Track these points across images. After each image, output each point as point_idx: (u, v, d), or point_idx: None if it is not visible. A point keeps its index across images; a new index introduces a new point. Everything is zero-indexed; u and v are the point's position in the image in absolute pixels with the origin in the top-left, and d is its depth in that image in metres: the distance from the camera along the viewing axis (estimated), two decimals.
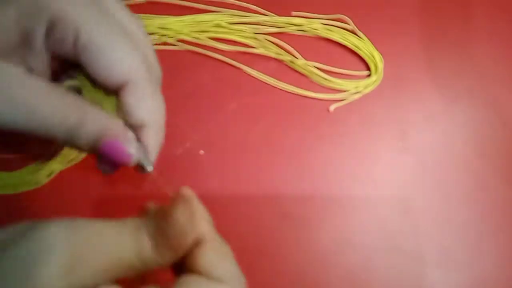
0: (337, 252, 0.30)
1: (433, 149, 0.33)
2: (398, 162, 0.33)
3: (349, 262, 0.30)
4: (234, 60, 0.34)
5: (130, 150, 0.19)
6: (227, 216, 0.30)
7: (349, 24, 0.34)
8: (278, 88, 0.34)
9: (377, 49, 0.34)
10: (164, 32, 0.34)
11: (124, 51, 0.19)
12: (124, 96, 0.19)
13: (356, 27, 0.34)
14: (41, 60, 0.19)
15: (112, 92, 0.20)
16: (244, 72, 0.34)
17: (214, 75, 0.34)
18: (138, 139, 0.20)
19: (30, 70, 0.19)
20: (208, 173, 0.31)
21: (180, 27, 0.34)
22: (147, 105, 0.20)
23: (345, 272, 0.30)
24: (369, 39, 0.34)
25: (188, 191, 0.18)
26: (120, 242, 0.16)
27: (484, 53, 0.35)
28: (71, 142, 0.18)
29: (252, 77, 0.34)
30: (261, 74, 0.34)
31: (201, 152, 0.31)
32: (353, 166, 0.32)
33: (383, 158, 0.33)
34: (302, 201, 0.31)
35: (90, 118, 0.18)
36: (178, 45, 0.34)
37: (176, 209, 0.17)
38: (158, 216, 0.17)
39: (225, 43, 0.34)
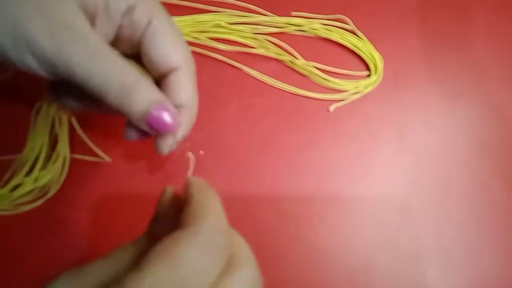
0: (337, 251, 0.30)
1: (433, 148, 0.33)
2: (398, 162, 0.33)
3: (349, 262, 0.30)
4: (234, 60, 0.34)
5: (177, 118, 0.21)
6: (227, 216, 0.30)
7: (349, 24, 0.34)
8: (278, 88, 0.34)
9: (377, 49, 0.34)
10: None
11: (180, 44, 0.22)
12: (171, 80, 0.22)
13: (356, 27, 0.34)
14: (108, 35, 0.22)
15: (159, 75, 0.23)
16: (244, 72, 0.34)
17: (214, 75, 0.34)
18: None
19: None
20: (208, 173, 0.31)
21: (180, 27, 0.34)
22: (188, 90, 0.23)
23: (345, 272, 0.30)
24: (369, 39, 0.34)
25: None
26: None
27: (484, 53, 0.35)
28: (121, 101, 0.20)
29: (252, 77, 0.34)
30: (261, 74, 0.34)
31: (201, 152, 0.31)
32: (353, 166, 0.32)
33: (383, 158, 0.33)
34: (302, 200, 0.31)
35: (146, 85, 0.20)
36: None
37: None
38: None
39: (225, 43, 0.34)
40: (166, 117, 0.20)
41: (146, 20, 0.22)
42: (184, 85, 0.23)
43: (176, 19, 0.34)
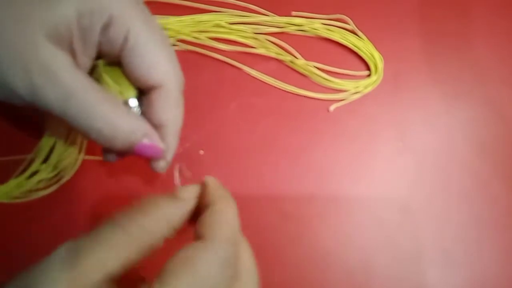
0: (337, 251, 0.30)
1: (433, 149, 0.33)
2: (398, 162, 0.33)
3: (349, 262, 0.30)
4: (234, 60, 0.34)
5: (161, 146, 0.21)
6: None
7: (349, 24, 0.34)
8: (278, 88, 0.34)
9: (377, 49, 0.34)
10: (164, 32, 0.34)
11: (164, 57, 0.21)
12: (153, 97, 0.21)
13: (356, 27, 0.34)
14: (89, 57, 0.21)
15: (143, 91, 0.22)
16: (244, 72, 0.34)
17: (214, 75, 0.34)
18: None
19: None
20: (208, 173, 0.31)
21: (180, 27, 0.34)
22: (172, 108, 0.22)
23: (345, 272, 0.30)
24: (369, 39, 0.34)
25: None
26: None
27: (484, 53, 0.35)
28: (104, 141, 0.20)
29: (252, 77, 0.34)
30: (261, 74, 0.34)
31: (201, 152, 0.31)
32: (353, 166, 0.32)
33: (383, 158, 0.33)
34: (302, 200, 0.31)
35: (126, 121, 0.20)
36: (178, 45, 0.34)
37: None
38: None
39: (225, 43, 0.34)
40: (150, 147, 0.21)
41: (122, 36, 0.20)
42: (166, 105, 0.22)
43: (176, 19, 0.34)
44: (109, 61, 0.22)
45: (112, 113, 0.19)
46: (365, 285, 0.30)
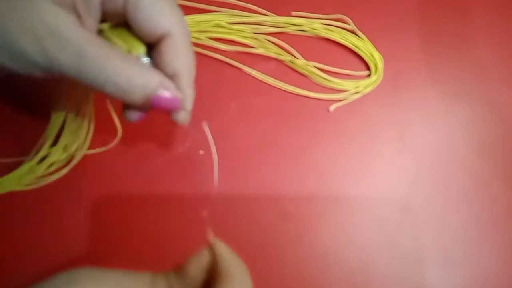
0: (337, 251, 0.30)
1: (433, 148, 0.33)
2: (398, 162, 0.33)
3: (349, 262, 0.30)
4: (234, 60, 0.34)
5: (178, 94, 0.21)
6: (228, 216, 0.30)
7: (349, 24, 0.34)
8: (278, 88, 0.34)
9: (377, 49, 0.34)
10: None
11: (168, 8, 0.21)
12: (163, 47, 0.21)
13: (356, 27, 0.34)
14: (94, 18, 0.21)
15: (152, 45, 0.22)
16: (244, 72, 0.34)
17: (214, 75, 0.34)
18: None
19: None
20: (208, 173, 0.31)
21: None
22: (183, 56, 0.22)
23: (345, 272, 0.30)
24: (369, 39, 0.34)
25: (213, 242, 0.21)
26: None
27: (484, 53, 0.35)
28: (121, 95, 0.20)
29: (252, 77, 0.34)
30: (261, 74, 0.34)
31: (201, 152, 0.31)
32: (353, 166, 0.32)
33: (383, 158, 0.33)
34: (302, 200, 0.31)
35: (139, 71, 0.20)
36: None
37: (190, 263, 0.20)
38: (177, 269, 0.20)
39: (225, 43, 0.34)
40: (168, 97, 0.21)
41: None
42: (177, 53, 0.22)
43: None
44: (114, 22, 0.22)
45: (125, 65, 0.20)
46: (365, 285, 0.30)
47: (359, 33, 0.34)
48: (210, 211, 0.29)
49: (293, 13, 0.35)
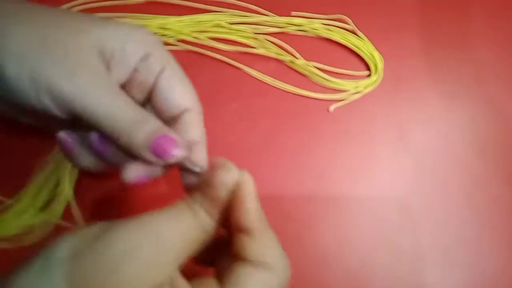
0: (337, 251, 0.30)
1: (432, 148, 0.33)
2: (398, 161, 0.33)
3: (349, 262, 0.30)
4: (234, 60, 0.34)
5: (180, 143, 0.22)
6: None
7: (349, 24, 0.34)
8: (278, 88, 0.34)
9: (377, 49, 0.34)
10: (164, 32, 0.34)
11: (190, 88, 0.24)
12: (184, 119, 0.24)
13: (356, 27, 0.34)
14: (120, 78, 0.23)
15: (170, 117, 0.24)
16: (245, 73, 0.34)
17: (214, 76, 0.34)
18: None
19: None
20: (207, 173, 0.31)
21: (180, 27, 0.34)
22: (200, 127, 0.25)
23: (345, 272, 0.30)
24: (369, 39, 0.34)
25: (221, 160, 0.21)
26: (188, 229, 0.19)
27: (484, 53, 0.35)
28: (129, 135, 0.21)
29: (253, 77, 0.34)
30: (261, 74, 0.34)
31: None
32: (353, 166, 0.32)
33: (383, 158, 0.33)
34: (303, 201, 0.31)
35: (153, 119, 0.22)
36: (178, 45, 0.34)
37: (214, 173, 0.20)
38: (201, 186, 0.20)
39: (225, 43, 0.34)
40: (171, 138, 0.21)
41: (160, 67, 0.23)
42: (196, 123, 0.24)
43: (176, 19, 0.34)
44: (132, 96, 0.24)
45: (142, 113, 0.22)
46: (364, 285, 0.30)
47: (359, 33, 0.34)
48: None
49: (293, 13, 0.35)
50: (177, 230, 0.18)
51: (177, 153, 0.21)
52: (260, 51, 0.34)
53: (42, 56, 0.20)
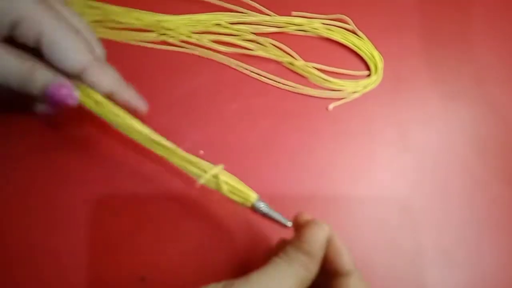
0: None
1: (432, 148, 0.33)
2: (398, 161, 0.32)
3: None
4: (234, 61, 0.33)
5: (75, 93, 0.24)
6: (227, 217, 0.30)
7: (349, 24, 0.34)
8: (278, 89, 0.33)
9: (377, 48, 0.34)
10: (165, 31, 0.34)
11: (76, 48, 0.24)
12: (86, 78, 0.25)
13: (356, 27, 0.34)
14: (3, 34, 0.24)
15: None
16: (244, 74, 0.34)
17: (214, 77, 0.34)
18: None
19: None
20: None
21: (180, 25, 0.34)
22: (103, 78, 0.25)
23: None
24: (369, 38, 0.34)
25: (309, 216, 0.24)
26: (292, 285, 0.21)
27: (484, 53, 0.35)
28: (23, 88, 0.23)
29: (252, 78, 0.34)
30: (261, 75, 0.34)
31: (201, 152, 0.31)
32: (353, 166, 0.32)
33: (383, 158, 0.33)
34: (302, 201, 0.31)
35: (40, 70, 0.23)
36: (178, 47, 0.34)
37: (309, 230, 0.23)
38: (295, 241, 0.23)
39: (225, 45, 0.34)
40: (66, 87, 0.24)
41: (34, 34, 0.23)
42: (98, 77, 0.25)
43: (176, 17, 0.34)
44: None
45: (27, 64, 0.23)
46: None
47: (359, 33, 0.34)
48: (212, 211, 0.30)
49: (293, 13, 0.35)
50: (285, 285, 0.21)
51: (74, 97, 0.24)
52: (260, 53, 0.34)
53: None
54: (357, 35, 0.34)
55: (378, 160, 0.32)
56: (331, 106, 0.33)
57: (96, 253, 0.29)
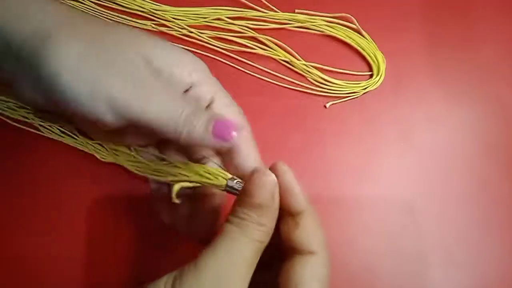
0: (339, 252, 0.30)
1: (436, 148, 0.33)
2: (400, 162, 0.32)
3: (351, 262, 0.30)
4: (233, 59, 0.33)
5: (239, 125, 0.22)
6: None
7: (352, 23, 0.34)
8: (278, 88, 0.33)
9: (380, 48, 0.34)
10: (162, 22, 0.33)
11: (236, 114, 0.25)
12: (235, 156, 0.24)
13: (360, 26, 0.34)
14: None
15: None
16: (244, 72, 0.33)
17: (213, 75, 0.33)
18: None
19: None
20: None
21: (177, 17, 0.33)
22: (251, 147, 0.25)
23: (348, 273, 0.30)
24: (372, 38, 0.34)
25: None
26: (247, 251, 0.19)
27: (487, 52, 0.35)
28: (186, 131, 0.21)
29: (252, 76, 0.33)
30: (260, 73, 0.33)
31: None
32: (355, 167, 0.32)
33: (385, 158, 0.32)
34: None
35: (200, 109, 0.22)
36: (176, 43, 0.33)
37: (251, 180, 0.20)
38: (242, 198, 0.20)
39: (225, 42, 0.33)
40: (229, 121, 0.22)
41: (210, 96, 0.24)
42: (249, 143, 0.25)
43: (175, 9, 0.33)
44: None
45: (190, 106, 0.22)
46: (367, 285, 0.29)
47: (363, 33, 0.34)
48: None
49: (297, 10, 0.34)
50: (237, 263, 0.19)
51: (236, 133, 0.21)
52: (260, 51, 0.33)
53: (100, 69, 0.21)
54: (361, 34, 0.34)
55: (381, 160, 0.32)
56: (328, 104, 0.33)
57: (94, 258, 0.28)
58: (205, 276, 0.18)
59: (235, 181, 0.22)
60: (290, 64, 0.33)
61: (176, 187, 0.22)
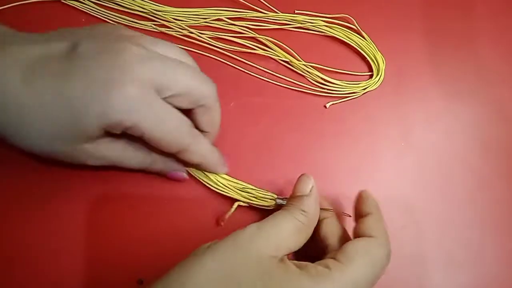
0: None
1: (435, 148, 0.33)
2: (400, 161, 0.32)
3: None
4: (233, 59, 0.33)
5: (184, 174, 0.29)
6: (229, 221, 0.30)
7: (352, 24, 0.34)
8: (278, 88, 0.33)
9: (379, 48, 0.34)
10: (162, 22, 0.33)
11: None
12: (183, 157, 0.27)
13: (359, 27, 0.34)
14: None
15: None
16: (244, 72, 0.33)
17: (213, 75, 0.32)
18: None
19: None
20: None
21: (178, 17, 0.33)
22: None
23: None
24: (371, 38, 0.34)
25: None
26: (294, 227, 0.24)
27: (487, 52, 0.35)
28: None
29: (252, 76, 0.33)
30: (260, 73, 0.33)
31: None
32: (355, 166, 0.32)
33: (385, 158, 0.32)
34: None
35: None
36: (176, 43, 0.33)
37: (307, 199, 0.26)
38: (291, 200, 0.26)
39: (225, 42, 0.33)
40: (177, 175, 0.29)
41: (206, 122, 0.27)
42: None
43: (175, 9, 0.33)
44: None
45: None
46: None
47: (362, 33, 0.34)
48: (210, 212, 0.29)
49: (297, 11, 0.34)
50: (283, 228, 0.23)
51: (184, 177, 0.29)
52: (260, 51, 0.33)
53: (110, 95, 0.22)
54: (361, 35, 0.34)
55: (381, 160, 0.32)
56: (328, 104, 0.33)
57: (94, 255, 0.28)
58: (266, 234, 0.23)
59: (281, 200, 0.29)
60: (290, 65, 0.34)
61: (235, 206, 0.29)
